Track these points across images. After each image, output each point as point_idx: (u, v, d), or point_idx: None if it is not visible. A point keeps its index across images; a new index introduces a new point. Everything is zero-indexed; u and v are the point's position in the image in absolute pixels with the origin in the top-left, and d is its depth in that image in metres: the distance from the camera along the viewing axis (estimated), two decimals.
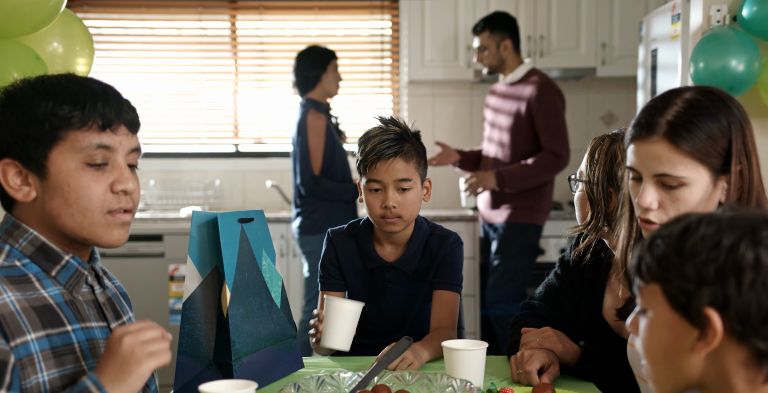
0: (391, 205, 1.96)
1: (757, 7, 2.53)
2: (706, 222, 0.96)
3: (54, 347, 1.26)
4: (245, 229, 1.71)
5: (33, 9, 2.19)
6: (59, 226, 1.31)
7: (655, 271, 0.98)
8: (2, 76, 2.21)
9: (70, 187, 1.29)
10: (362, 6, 4.91)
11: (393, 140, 1.97)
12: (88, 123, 1.29)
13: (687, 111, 1.43)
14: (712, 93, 1.47)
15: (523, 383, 1.68)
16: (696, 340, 0.95)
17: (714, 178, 1.44)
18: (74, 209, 1.29)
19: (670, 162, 1.42)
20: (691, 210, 1.43)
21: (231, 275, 1.64)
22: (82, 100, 1.29)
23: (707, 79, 2.56)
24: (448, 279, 2.05)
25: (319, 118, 3.86)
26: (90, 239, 1.32)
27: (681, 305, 0.96)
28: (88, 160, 1.30)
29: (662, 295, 0.97)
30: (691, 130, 1.41)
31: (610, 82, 4.81)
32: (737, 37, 2.54)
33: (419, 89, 4.86)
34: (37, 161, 1.28)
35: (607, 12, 4.52)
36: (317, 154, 3.83)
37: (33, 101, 1.28)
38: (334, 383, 1.53)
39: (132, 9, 4.85)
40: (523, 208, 3.85)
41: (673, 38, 3.20)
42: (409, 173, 1.98)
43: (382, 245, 2.08)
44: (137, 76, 4.80)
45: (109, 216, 1.32)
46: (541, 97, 3.79)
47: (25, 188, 1.30)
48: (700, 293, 0.94)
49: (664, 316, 0.98)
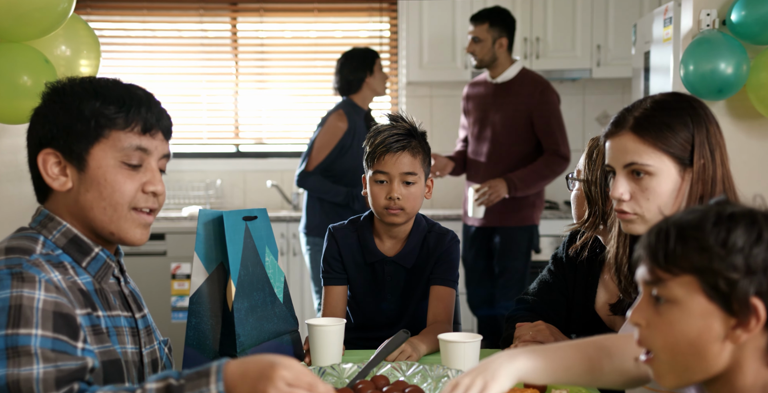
0: (395, 196, 2.03)
1: (746, 12, 2.60)
2: (739, 216, 1.00)
3: (92, 325, 1.34)
4: (249, 226, 1.78)
5: (42, 14, 2.26)
6: (90, 218, 1.38)
7: (694, 263, 1.00)
8: (13, 78, 2.29)
9: (106, 181, 1.36)
10: (361, 8, 4.98)
11: (402, 135, 2.06)
12: (131, 125, 1.37)
13: (652, 107, 1.56)
14: (678, 95, 1.60)
15: None
16: (732, 329, 0.99)
17: (681, 171, 1.54)
18: (107, 203, 1.37)
19: (636, 152, 1.53)
20: (661, 201, 1.53)
21: (236, 271, 1.71)
22: (128, 103, 1.37)
23: (697, 82, 2.63)
24: (445, 275, 2.12)
25: (342, 120, 3.81)
26: (116, 233, 1.39)
27: (722, 295, 0.98)
28: (126, 159, 1.37)
29: (698, 286, 0.99)
30: (653, 122, 1.53)
31: (606, 84, 4.89)
32: (726, 40, 2.61)
33: (417, 90, 4.93)
34: (79, 155, 1.36)
35: (602, 14, 4.59)
36: (319, 152, 3.80)
37: (82, 99, 1.36)
38: (335, 374, 1.60)
39: (134, 11, 4.92)
40: (526, 208, 3.80)
41: (665, 41, 3.27)
42: (415, 168, 2.06)
43: (382, 240, 2.15)
44: (139, 78, 4.87)
45: (134, 212, 1.39)
46: (543, 98, 3.74)
47: (62, 178, 1.37)
48: (745, 283, 0.97)
49: (699, 306, 1.00)
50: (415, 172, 2.06)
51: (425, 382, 1.56)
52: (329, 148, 3.79)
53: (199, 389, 1.15)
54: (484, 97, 3.87)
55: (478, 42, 3.77)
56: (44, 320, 1.24)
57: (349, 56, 3.93)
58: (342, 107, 3.86)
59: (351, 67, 3.89)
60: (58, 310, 1.27)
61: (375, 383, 1.52)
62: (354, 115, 3.85)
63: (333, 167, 3.83)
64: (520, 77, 3.81)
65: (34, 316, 1.24)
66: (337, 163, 3.82)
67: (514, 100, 3.78)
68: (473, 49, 3.79)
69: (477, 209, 3.69)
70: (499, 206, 3.72)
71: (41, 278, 1.28)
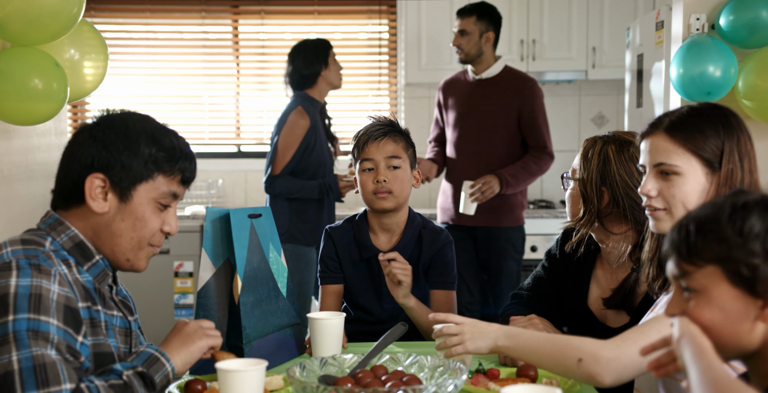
0: (382, 179, 2.15)
1: (734, 17, 2.68)
2: (752, 204, 1.08)
3: (90, 318, 1.46)
4: (254, 224, 1.87)
5: (53, 19, 2.33)
6: (116, 243, 1.50)
7: (715, 253, 1.08)
8: (25, 81, 2.36)
9: (143, 217, 1.50)
10: (360, 11, 5.06)
11: (382, 125, 2.20)
12: (175, 174, 1.52)
13: (688, 113, 1.65)
14: (715, 105, 1.68)
15: (508, 365, 1.83)
16: (760, 309, 1.07)
17: (709, 175, 1.61)
18: (135, 234, 1.51)
19: (666, 152, 1.62)
20: (687, 201, 1.61)
21: (242, 266, 1.79)
22: (177, 155, 1.52)
23: (687, 85, 2.71)
24: (442, 278, 2.23)
25: (303, 117, 3.63)
26: (131, 260, 1.53)
27: (745, 280, 1.06)
28: (161, 200, 1.51)
29: (722, 274, 1.08)
30: (686, 125, 1.62)
31: (601, 85, 4.96)
32: (715, 44, 2.69)
33: (416, 91, 5.00)
34: (126, 188, 1.49)
35: (597, 17, 4.67)
36: (284, 154, 3.61)
37: (141, 140, 1.49)
38: (336, 364, 1.68)
39: (137, 14, 4.99)
40: (518, 208, 3.74)
41: (657, 44, 3.35)
42: (398, 152, 2.18)
43: (377, 234, 2.24)
44: (142, 79, 4.95)
45: (149, 247, 1.54)
46: (532, 94, 3.68)
47: (102, 202, 1.48)
48: (766, 267, 1.05)
49: (725, 292, 1.08)
50: (399, 155, 2.17)
51: (422, 371, 1.64)
52: (294, 148, 3.62)
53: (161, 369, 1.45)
54: (467, 93, 3.78)
55: (465, 35, 3.71)
56: (58, 312, 1.35)
57: (301, 49, 3.77)
58: (300, 103, 3.69)
59: (305, 60, 3.72)
60: (68, 304, 1.38)
61: (374, 373, 1.60)
62: (313, 109, 3.70)
63: (299, 167, 3.66)
64: (506, 73, 3.75)
65: (51, 307, 1.34)
66: (303, 162, 3.65)
67: (500, 97, 3.70)
68: (459, 42, 3.72)
69: (469, 205, 3.55)
70: (493, 207, 3.64)
71: (55, 272, 1.39)
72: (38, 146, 2.85)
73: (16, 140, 2.70)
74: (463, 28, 3.72)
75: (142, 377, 1.42)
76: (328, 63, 3.73)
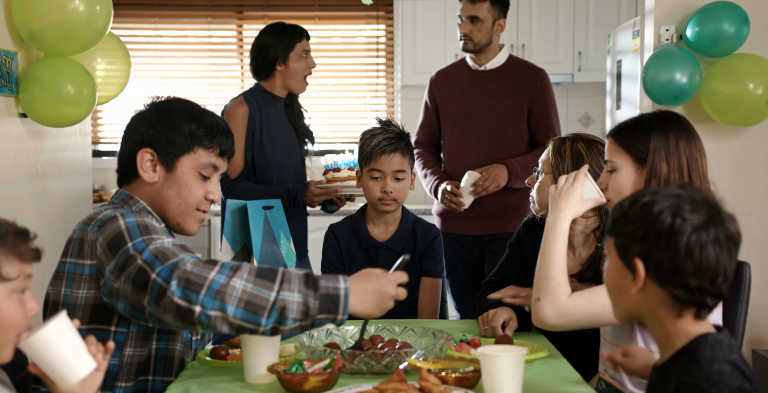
0: (389, 190, 2.45)
1: (699, 28, 2.95)
2: (650, 194, 1.31)
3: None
4: (267, 214, 2.14)
5: (83, 31, 2.60)
6: (165, 208, 1.78)
7: (610, 229, 1.33)
8: (58, 88, 2.63)
9: (186, 184, 1.76)
10: (359, 16, 5.32)
11: (394, 138, 2.48)
12: (213, 147, 1.78)
13: (632, 119, 1.94)
14: (660, 112, 1.95)
15: (489, 336, 2.10)
16: (631, 281, 1.32)
17: (638, 169, 1.88)
18: (181, 200, 1.77)
19: (610, 151, 1.92)
20: (623, 191, 1.88)
21: (257, 251, 2.07)
22: (215, 130, 1.77)
23: (656, 90, 2.97)
24: (433, 267, 2.52)
25: (240, 105, 2.99)
26: (181, 224, 1.80)
27: (623, 255, 1.30)
28: (202, 171, 1.77)
29: (613, 247, 1.32)
30: (626, 129, 1.91)
31: (587, 87, 5.23)
32: (682, 53, 2.95)
33: (412, 93, 5.23)
34: (171, 160, 1.75)
35: (583, 24, 4.93)
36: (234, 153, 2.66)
37: (182, 119, 1.75)
38: (339, 334, 1.95)
39: (146, 19, 5.26)
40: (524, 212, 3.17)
41: (633, 51, 3.62)
42: (404, 166, 2.48)
43: (375, 225, 2.53)
44: (149, 81, 5.23)
45: (196, 212, 1.80)
46: (545, 87, 3.29)
47: (151, 173, 1.76)
48: (633, 247, 1.28)
49: (614, 261, 1.33)
50: (404, 169, 2.47)
51: (413, 341, 1.91)
52: (241, 141, 2.96)
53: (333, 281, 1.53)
54: (468, 87, 3.30)
55: (476, 22, 3.21)
56: (162, 234, 1.64)
57: (263, 34, 3.14)
58: (243, 93, 3.09)
59: (260, 48, 3.08)
60: (165, 231, 1.71)
61: (372, 341, 1.87)
62: (259, 99, 3.04)
63: (258, 166, 3.02)
64: (512, 63, 3.31)
65: (158, 230, 1.64)
66: (260, 160, 3.02)
67: (509, 90, 3.25)
68: (469, 29, 3.22)
69: (467, 198, 3.14)
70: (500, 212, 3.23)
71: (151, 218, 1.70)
72: (66, 146, 3.09)
73: (48, 140, 2.93)
74: (475, 15, 3.20)
75: (306, 276, 1.53)
76: (287, 58, 3.05)
